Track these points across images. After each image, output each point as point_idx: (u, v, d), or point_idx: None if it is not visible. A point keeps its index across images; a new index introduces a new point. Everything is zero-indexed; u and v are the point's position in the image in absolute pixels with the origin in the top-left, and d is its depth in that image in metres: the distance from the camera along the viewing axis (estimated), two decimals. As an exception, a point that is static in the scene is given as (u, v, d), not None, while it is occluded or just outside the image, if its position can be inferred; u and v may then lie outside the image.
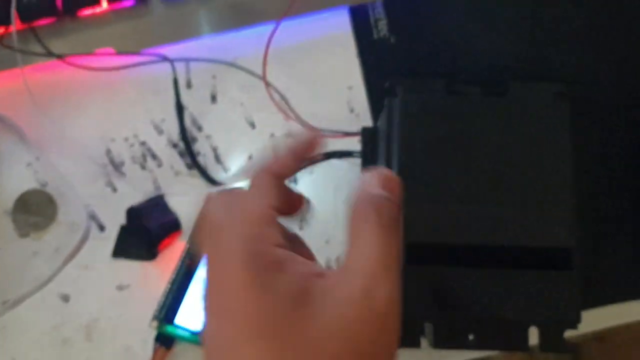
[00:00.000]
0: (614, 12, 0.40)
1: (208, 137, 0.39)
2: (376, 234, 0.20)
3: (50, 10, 0.38)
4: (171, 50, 0.39)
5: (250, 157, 0.39)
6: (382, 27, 0.40)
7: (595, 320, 0.37)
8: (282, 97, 0.39)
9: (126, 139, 0.39)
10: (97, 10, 0.38)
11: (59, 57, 0.38)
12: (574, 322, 0.30)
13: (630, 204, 0.37)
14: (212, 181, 0.38)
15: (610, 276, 0.36)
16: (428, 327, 0.31)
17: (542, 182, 0.31)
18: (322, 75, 0.40)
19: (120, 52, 0.39)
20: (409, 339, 0.31)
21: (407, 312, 0.30)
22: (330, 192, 0.39)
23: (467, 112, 0.32)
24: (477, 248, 0.30)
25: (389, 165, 0.32)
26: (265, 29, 0.39)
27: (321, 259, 0.38)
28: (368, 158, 0.35)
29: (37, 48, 0.38)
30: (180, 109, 0.38)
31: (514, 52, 0.39)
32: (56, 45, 0.38)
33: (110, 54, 0.39)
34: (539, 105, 0.32)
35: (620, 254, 0.37)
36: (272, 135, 0.39)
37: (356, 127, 0.37)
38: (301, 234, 0.38)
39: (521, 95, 0.32)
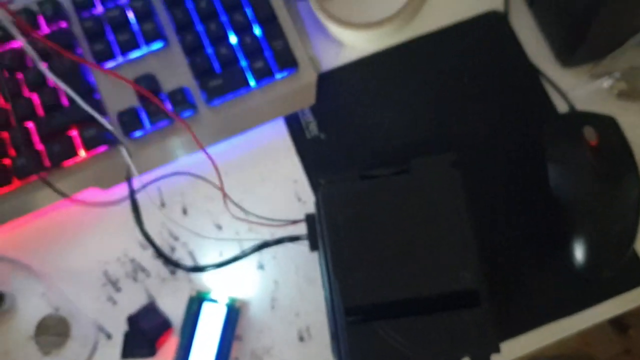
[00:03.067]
0: (484, 86, 0.48)
1: (184, 244, 0.47)
2: None
3: (41, 167, 0.46)
4: (142, 179, 0.48)
5: (220, 254, 0.46)
6: (313, 128, 0.48)
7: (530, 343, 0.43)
8: (237, 204, 0.47)
9: (118, 259, 0.47)
10: (78, 159, 0.47)
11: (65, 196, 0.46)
12: (494, 349, 0.36)
13: (524, 240, 0.44)
14: (194, 269, 0.46)
15: (527, 304, 0.43)
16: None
17: (447, 237, 0.38)
18: (271, 175, 0.48)
19: (103, 188, 0.47)
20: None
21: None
22: (293, 272, 0.46)
23: (378, 192, 0.39)
24: (404, 301, 0.37)
25: (324, 244, 0.39)
26: (217, 148, 0.48)
27: (293, 330, 0.45)
28: (312, 239, 0.42)
29: (37, 196, 0.47)
30: (147, 236, 0.47)
31: (420, 132, 0.47)
32: (43, 195, 0.47)
33: (95, 191, 0.47)
34: (436, 175, 0.39)
35: (527, 282, 0.43)
36: (237, 232, 0.47)
37: (303, 214, 0.45)
38: (273, 311, 0.45)
39: (422, 169, 0.40)
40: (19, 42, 0.48)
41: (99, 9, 0.50)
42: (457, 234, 0.38)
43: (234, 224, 0.47)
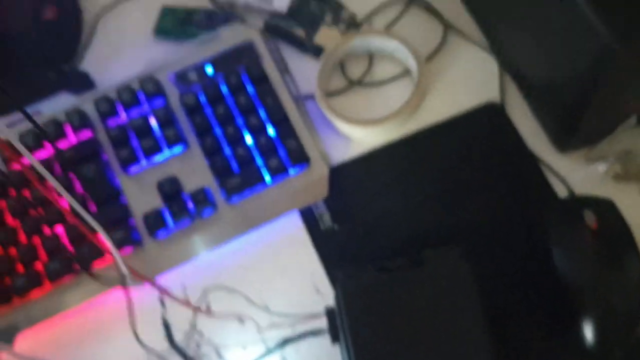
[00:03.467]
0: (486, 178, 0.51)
1: (209, 340, 0.48)
2: None
3: (70, 269, 0.49)
4: (166, 277, 0.50)
5: (244, 348, 0.48)
6: (326, 220, 0.51)
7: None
8: (260, 304, 0.49)
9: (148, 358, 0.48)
10: (106, 260, 0.49)
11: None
12: None
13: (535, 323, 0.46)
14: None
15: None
16: None
17: (462, 327, 0.40)
18: (288, 267, 0.50)
19: (128, 287, 0.49)
20: None
21: None
22: (316, 367, 0.47)
23: (394, 284, 0.41)
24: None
25: (345, 337, 0.41)
26: (235, 243, 0.50)
27: (318, 421, 0.46)
28: (333, 332, 0.44)
29: (67, 297, 0.49)
30: (170, 338, 0.49)
31: (426, 221, 0.50)
32: (74, 295, 0.49)
33: (119, 290, 0.49)
34: (447, 268, 0.42)
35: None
36: (258, 326, 0.48)
37: (322, 306, 0.47)
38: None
39: (433, 262, 0.42)
40: (46, 153, 0.52)
41: (123, 116, 0.53)
42: (471, 324, 0.40)
43: (256, 318, 0.49)
